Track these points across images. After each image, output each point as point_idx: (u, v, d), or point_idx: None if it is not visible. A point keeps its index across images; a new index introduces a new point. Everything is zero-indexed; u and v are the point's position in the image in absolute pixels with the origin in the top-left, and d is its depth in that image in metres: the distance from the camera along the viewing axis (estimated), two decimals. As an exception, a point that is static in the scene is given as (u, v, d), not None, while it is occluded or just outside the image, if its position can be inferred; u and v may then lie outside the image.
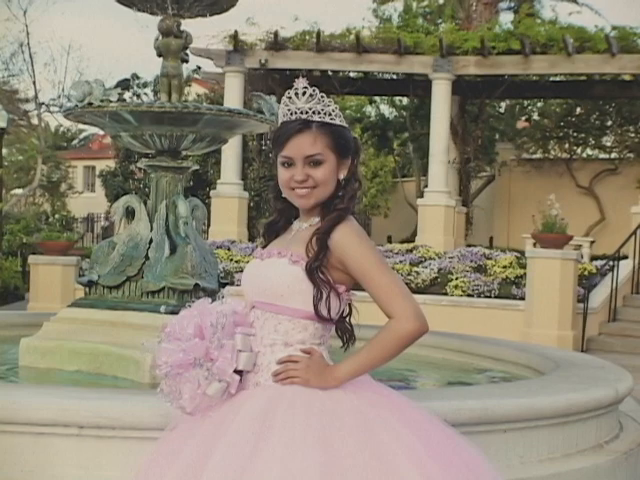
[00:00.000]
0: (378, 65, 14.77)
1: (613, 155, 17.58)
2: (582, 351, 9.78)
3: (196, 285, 4.37)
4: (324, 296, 2.20)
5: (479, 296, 11.40)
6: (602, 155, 18.07)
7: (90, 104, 4.43)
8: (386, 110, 21.04)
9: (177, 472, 2.12)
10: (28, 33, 18.42)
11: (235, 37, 14.59)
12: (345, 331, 2.28)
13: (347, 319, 2.29)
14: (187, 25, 4.71)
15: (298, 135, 2.24)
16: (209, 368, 2.19)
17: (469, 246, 13.60)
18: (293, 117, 2.26)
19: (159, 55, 4.74)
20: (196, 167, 4.81)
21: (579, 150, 18.21)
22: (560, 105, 18.05)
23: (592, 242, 13.83)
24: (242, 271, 2.42)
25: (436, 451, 2.14)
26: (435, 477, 2.07)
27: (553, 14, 19.24)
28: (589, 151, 18.62)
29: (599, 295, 11.33)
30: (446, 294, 11.48)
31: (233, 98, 14.46)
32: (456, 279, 11.60)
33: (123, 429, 2.81)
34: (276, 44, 14.47)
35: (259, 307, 2.25)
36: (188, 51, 4.85)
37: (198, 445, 2.14)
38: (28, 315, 7.69)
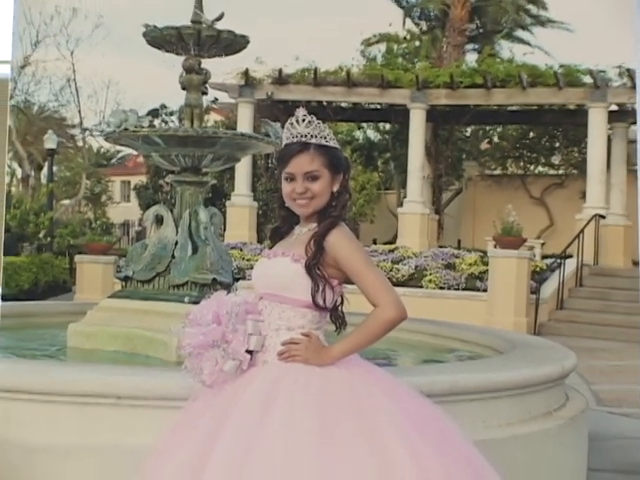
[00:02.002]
0: (365, 97, 14.77)
1: (560, 171, 17.57)
2: (534, 334, 9.79)
3: (214, 280, 4.37)
4: (320, 289, 2.20)
5: (449, 289, 11.40)
6: (551, 171, 18.05)
7: (126, 129, 4.43)
8: (372, 134, 21.04)
9: (197, 437, 2.12)
10: (74, 70, 18.42)
11: (246, 74, 14.58)
12: (338, 318, 2.28)
13: (339, 308, 2.28)
14: (206, 63, 4.72)
15: (299, 155, 2.24)
16: (225, 349, 2.19)
17: (441, 247, 13.60)
18: (294, 140, 2.26)
19: (183, 88, 4.75)
20: (214, 181, 4.83)
21: (532, 167, 18.19)
22: (516, 130, 18.05)
23: (543, 244, 13.81)
24: (252, 268, 2.42)
25: (411, 415, 2.15)
26: (410, 434, 2.07)
27: (510, 54, 19.27)
28: (540, 168, 18.60)
29: (549, 288, 11.33)
30: (422, 287, 11.48)
31: (245, 124, 14.45)
32: (430, 274, 11.60)
33: (154, 399, 2.81)
34: (280, 79, 14.48)
35: (266, 298, 2.25)
36: (207, 85, 4.84)
37: (215, 413, 2.14)
38: (74, 305, 7.67)
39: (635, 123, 12.91)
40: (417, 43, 20.56)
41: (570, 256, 12.04)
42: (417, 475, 2.01)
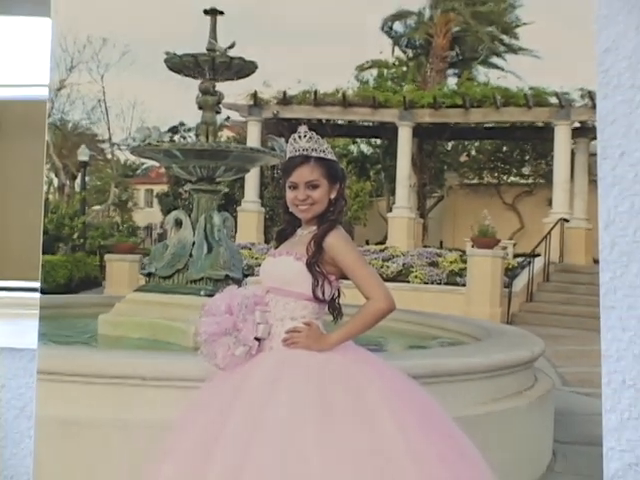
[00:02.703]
0: (358, 115, 14.78)
1: (530, 181, 17.60)
2: (507, 323, 9.81)
3: (226, 276, 4.38)
4: (320, 283, 2.21)
5: (432, 283, 11.42)
6: (521, 181, 18.07)
7: (149, 144, 4.45)
8: (365, 148, 21.05)
9: (211, 414, 2.12)
10: (104, 92, 18.42)
11: (255, 95, 14.61)
12: (335, 309, 2.28)
13: (336, 300, 2.28)
14: (220, 86, 4.73)
15: (301, 166, 2.25)
16: (236, 336, 2.20)
17: (425, 247, 13.63)
18: (297, 153, 2.26)
19: (199, 108, 4.76)
20: (226, 190, 4.85)
21: (505, 177, 18.21)
22: (491, 144, 18.07)
23: (514, 244, 13.84)
24: (260, 265, 2.42)
25: (399, 394, 2.16)
26: (398, 411, 2.08)
27: (486, 78, 19.25)
28: (512, 178, 18.61)
29: (519, 282, 11.36)
30: (408, 282, 11.49)
31: (253, 139, 14.47)
32: (416, 271, 11.62)
33: (174, 380, 2.82)
34: (284, 100, 14.48)
35: (272, 291, 2.25)
36: (220, 105, 4.84)
37: (228, 392, 2.14)
38: (104, 297, 7.69)
39: (595, 138, 12.89)
40: (404, 68, 20.58)
41: (538, 255, 12.06)
42: (404, 446, 2.01)
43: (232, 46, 4.49)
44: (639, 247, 2.34)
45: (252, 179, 14.68)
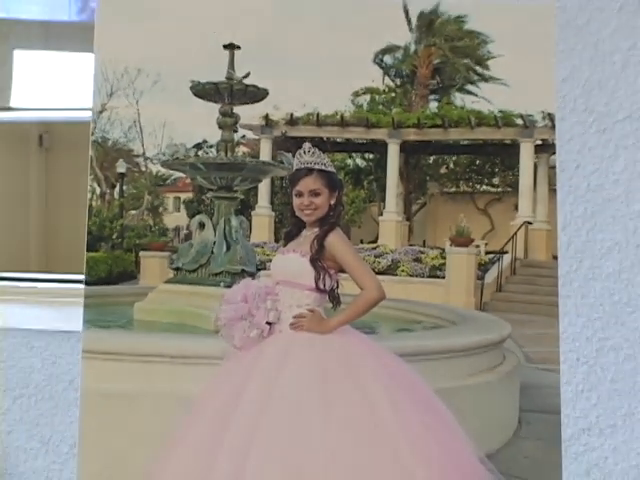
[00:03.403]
0: (354, 134, 14.76)
1: (499, 189, 17.60)
2: (480, 310, 9.82)
3: (242, 270, 4.40)
4: (321, 276, 2.21)
5: (417, 276, 11.41)
6: (492, 189, 18.08)
7: (177, 158, 4.48)
8: (359, 162, 21.09)
9: (229, 387, 2.13)
10: (139, 114, 18.47)
11: (266, 117, 14.59)
12: (334, 298, 2.29)
13: (335, 290, 2.29)
14: (237, 109, 4.75)
15: (305, 177, 2.25)
16: (250, 321, 2.21)
17: (410, 245, 13.63)
18: (302, 166, 2.27)
19: (220, 128, 4.78)
20: (242, 197, 4.88)
21: (478, 186, 18.21)
22: (466, 159, 18.05)
23: (486, 244, 13.83)
24: (271, 261, 2.43)
25: (389, 370, 2.16)
26: (389, 385, 2.08)
27: (462, 102, 19.24)
28: (484, 187, 18.61)
29: (491, 275, 11.35)
30: (396, 275, 11.48)
31: (265, 154, 14.43)
32: (402, 266, 11.62)
33: (198, 358, 2.83)
34: (291, 121, 14.45)
35: (281, 283, 2.26)
36: (237, 125, 4.87)
37: (244, 368, 2.15)
38: (139, 288, 7.69)
39: (554, 154, 12.88)
40: (393, 94, 20.58)
41: (506, 252, 12.04)
42: (393, 415, 2.03)
43: (247, 76, 4.50)
44: (591, 246, 2.35)
45: (264, 188, 14.64)
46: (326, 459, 1.98)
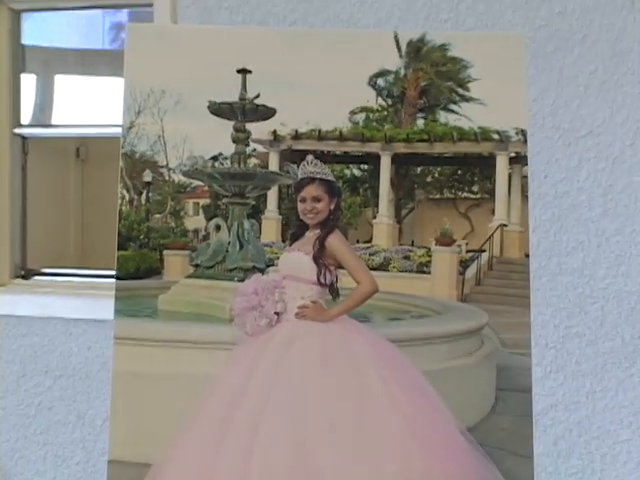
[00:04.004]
0: (351, 147, 14.81)
1: (478, 196, 17.66)
2: (461, 301, 9.86)
3: (253, 266, 4.41)
4: (322, 272, 2.21)
5: (406, 272, 11.43)
6: (472, 196, 18.14)
7: (196, 169, 4.49)
8: (356, 172, 21.20)
9: (242, 369, 2.14)
10: (163, 130, 18.56)
11: (274, 132, 14.64)
12: (333, 291, 2.29)
13: (335, 284, 2.29)
14: (248, 126, 4.77)
15: (308, 185, 2.26)
16: (260, 311, 2.21)
17: (400, 245, 13.66)
18: (306, 176, 2.28)
19: (233, 142, 4.80)
20: (253, 202, 4.88)
21: (460, 193, 18.29)
22: (449, 169, 18.12)
23: (467, 243, 13.85)
24: (278, 259, 2.43)
25: (382, 354, 2.17)
26: (381, 368, 2.09)
27: (446, 120, 19.32)
28: (465, 194, 18.70)
29: (470, 271, 11.37)
30: (388, 271, 11.51)
31: (274, 165, 14.47)
32: (393, 263, 11.65)
33: (215, 343, 2.82)
34: (296, 136, 14.51)
35: (287, 278, 2.26)
36: (249, 140, 4.88)
37: (254, 352, 2.15)
38: (163, 282, 7.68)
39: (526, 165, 12.91)
40: (385, 113, 20.64)
41: (484, 251, 12.05)
42: (384, 391, 2.03)
43: (257, 97, 4.51)
44: (558, 245, 2.35)
45: (272, 195, 14.68)
46: (325, 427, 2.00)
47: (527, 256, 2.36)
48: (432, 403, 2.15)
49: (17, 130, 2.97)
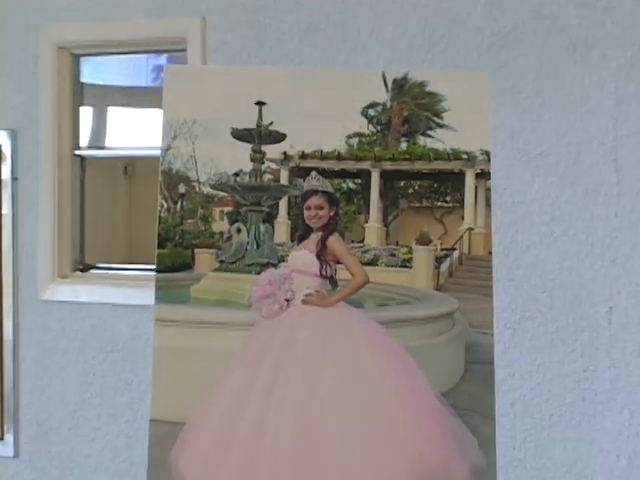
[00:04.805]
0: (347, 165, 14.81)
1: (450, 205, 17.67)
2: (437, 290, 9.86)
3: (268, 262, 4.40)
4: (324, 267, 2.21)
5: (392, 267, 11.43)
6: (445, 205, 18.15)
7: (222, 183, 4.49)
8: (351, 185, 21.21)
9: (259, 344, 2.14)
10: (194, 151, 18.55)
11: (285, 153, 14.66)
12: (333, 282, 2.29)
13: (334, 277, 2.29)
14: (264, 147, 4.76)
15: (312, 196, 2.25)
16: (274, 298, 2.21)
17: (387, 245, 13.69)
18: (310, 188, 2.27)
19: (251, 161, 4.78)
20: (267, 210, 4.88)
21: (436, 202, 18.32)
22: (427, 183, 18.14)
23: (441, 243, 13.87)
24: (288, 256, 2.43)
25: (372, 334, 2.17)
26: (372, 345, 2.09)
27: (424, 143, 19.29)
28: (440, 203, 18.70)
29: (444, 265, 11.35)
30: (377, 265, 11.51)
31: (284, 180, 14.50)
32: (382, 259, 11.66)
33: (237, 324, 2.81)
34: (302, 156, 14.52)
35: (295, 272, 2.25)
36: (264, 159, 4.88)
37: (269, 331, 2.15)
38: (194, 275, 7.66)
39: (489, 179, 12.87)
40: (375, 137, 20.64)
41: (455, 249, 12.05)
42: (374, 363, 2.04)
43: (271, 124, 4.50)
44: (514, 245, 2.35)
45: (283, 203, 14.67)
46: (326, 391, 2.00)
47: (490, 253, 2.36)
48: (413, 373, 2.15)
49: (77, 152, 2.99)
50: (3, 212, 2.88)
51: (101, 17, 2.71)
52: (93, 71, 2.94)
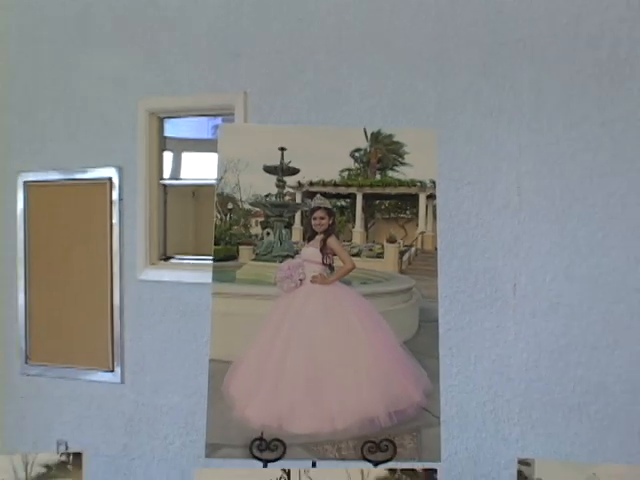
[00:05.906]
0: (340, 190, 14.79)
1: (409, 216, 17.60)
2: (400, 274, 9.83)
3: (287, 255, 4.42)
4: (325, 258, 2.18)
5: (370, 257, 11.39)
6: (406, 216, 18.05)
7: (256, 201, 4.49)
8: (343, 203, 21.17)
9: (281, 310, 2.11)
10: (239, 180, 18.49)
11: (299, 182, 14.61)
12: (331, 268, 2.26)
13: (332, 264, 2.28)
14: (285, 178, 4.79)
15: (317, 210, 2.22)
16: (291, 279, 2.19)
17: (367, 243, 13.70)
18: (315, 205, 2.26)
19: (276, 187, 4.77)
20: (287, 220, 4.92)
21: (400, 215, 18.33)
22: (394, 201, 18.12)
23: (403, 242, 13.87)
24: (300, 250, 2.42)
25: (356, 300, 2.12)
26: (360, 315, 2.04)
27: (392, 175, 19.32)
28: (402, 215, 18.66)
29: (405, 257, 11.31)
30: (360, 257, 11.46)
31: (298, 200, 14.45)
32: (363, 253, 11.64)
33: (267, 296, 2.72)
34: (311, 184, 14.48)
35: (305, 261, 2.22)
36: (285, 185, 4.91)
37: (288, 301, 2.10)
38: (239, 263, 7.61)
39: (435, 199, 12.92)
40: (359, 172, 20.62)
41: (413, 246, 12.03)
42: (361, 328, 2.01)
43: (289, 162, 4.50)
44: (452, 244, 2.37)
45: (298, 215, 14.62)
46: (326, 343, 1.99)
47: (436, 249, 2.39)
48: (385, 329, 2.15)
49: (161, 181, 3.01)
50: (113, 221, 2.94)
51: (177, 92, 2.79)
52: (172, 128, 3.00)
